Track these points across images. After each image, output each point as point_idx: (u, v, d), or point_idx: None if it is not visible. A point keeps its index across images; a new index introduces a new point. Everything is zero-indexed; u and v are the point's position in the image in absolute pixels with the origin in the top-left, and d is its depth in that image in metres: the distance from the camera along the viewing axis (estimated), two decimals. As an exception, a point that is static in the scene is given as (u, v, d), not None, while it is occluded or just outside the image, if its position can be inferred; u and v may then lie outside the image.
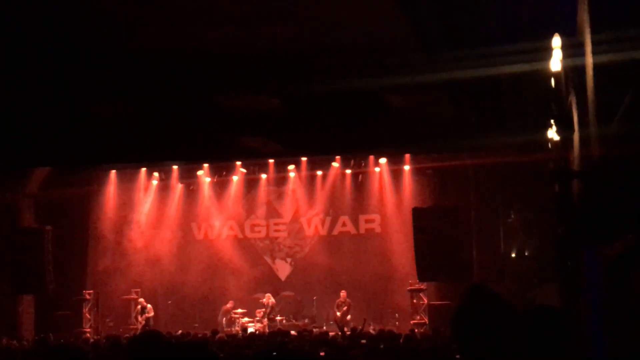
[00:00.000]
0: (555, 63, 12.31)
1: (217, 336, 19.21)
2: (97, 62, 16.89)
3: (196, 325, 26.24)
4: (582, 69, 10.93)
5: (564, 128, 13.13)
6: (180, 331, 22.23)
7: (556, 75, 12.59)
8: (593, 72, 10.20)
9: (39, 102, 18.61)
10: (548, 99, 13.61)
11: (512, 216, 23.63)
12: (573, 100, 12.69)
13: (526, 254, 23.41)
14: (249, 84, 17.71)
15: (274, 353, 7.04)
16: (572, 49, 11.71)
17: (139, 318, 26.03)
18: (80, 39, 15.70)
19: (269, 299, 26.30)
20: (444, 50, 15.20)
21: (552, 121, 14.29)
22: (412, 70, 16.00)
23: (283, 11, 14.56)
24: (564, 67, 12.40)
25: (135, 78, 17.59)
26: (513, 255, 23.63)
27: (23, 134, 20.16)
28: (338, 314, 25.63)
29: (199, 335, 19.83)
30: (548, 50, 12.37)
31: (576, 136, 12.83)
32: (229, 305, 26.58)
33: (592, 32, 10.12)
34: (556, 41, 12.19)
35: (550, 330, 4.01)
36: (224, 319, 26.00)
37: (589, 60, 10.41)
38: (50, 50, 16.00)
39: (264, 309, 26.11)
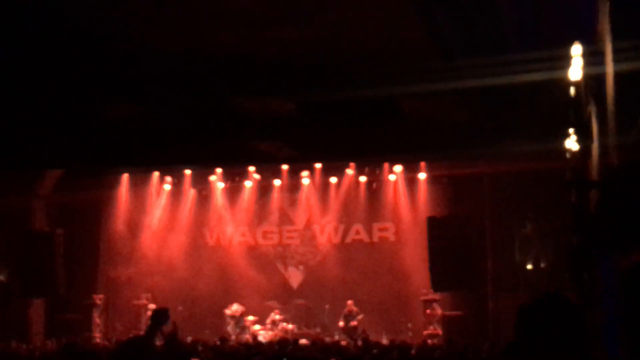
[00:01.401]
0: (575, 71, 12.12)
1: (229, 344, 19.10)
2: (111, 65, 16.82)
3: (207, 331, 26.09)
4: (602, 78, 10.75)
5: (583, 137, 12.94)
6: (190, 338, 22.07)
7: (576, 83, 12.40)
8: (613, 80, 10.02)
9: (52, 104, 18.56)
10: (567, 108, 13.43)
11: (528, 226, 23.40)
12: (592, 109, 12.51)
13: (542, 265, 23.17)
14: (263, 88, 17.60)
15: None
16: (592, 57, 11.52)
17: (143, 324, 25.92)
18: (95, 41, 15.63)
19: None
20: (462, 58, 15.05)
21: (570, 130, 14.10)
22: (429, 77, 15.84)
23: (299, 14, 14.44)
24: (584, 76, 12.21)
25: (149, 81, 17.52)
26: (529, 266, 23.39)
27: (36, 136, 20.13)
28: (341, 323, 25.44)
29: (209, 343, 19.64)
30: (567, 59, 12.18)
31: (595, 146, 12.64)
32: (238, 310, 26.32)
33: (613, 40, 9.94)
34: (576, 49, 12.00)
35: (564, 316, 3.89)
36: (233, 324, 25.83)
37: (609, 68, 10.23)
38: (64, 52, 15.92)
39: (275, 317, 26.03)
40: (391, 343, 19.24)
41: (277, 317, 26.24)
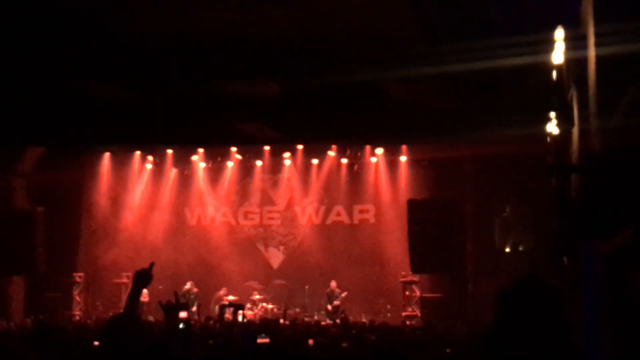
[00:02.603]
0: (558, 55, 12.18)
1: (210, 322, 19.13)
2: (93, 44, 16.74)
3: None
4: (584, 62, 10.80)
5: (564, 121, 13.01)
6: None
7: (558, 67, 12.47)
8: (595, 64, 10.08)
9: (34, 82, 18.46)
10: (549, 92, 13.49)
11: (508, 210, 23.52)
12: (574, 93, 12.57)
13: (521, 249, 23.29)
14: (247, 69, 17.57)
15: (264, 335, 6.93)
16: (575, 42, 11.58)
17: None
18: (79, 21, 15.55)
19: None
20: (447, 42, 15.08)
21: (552, 114, 14.17)
22: (413, 62, 15.87)
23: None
24: (566, 60, 12.27)
25: (133, 60, 17.44)
26: (507, 250, 23.51)
27: (17, 114, 20.01)
28: (329, 307, 25.53)
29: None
30: (551, 43, 12.24)
31: (576, 130, 12.71)
32: (222, 292, 26.48)
33: (596, 24, 9.99)
34: (559, 33, 12.06)
35: (543, 300, 3.91)
36: (217, 306, 25.87)
37: (592, 52, 10.28)
38: (48, 30, 15.84)
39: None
40: (370, 324, 19.33)
41: (257, 297, 26.31)
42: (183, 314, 6.23)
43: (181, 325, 6.20)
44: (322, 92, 18.26)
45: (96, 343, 10.99)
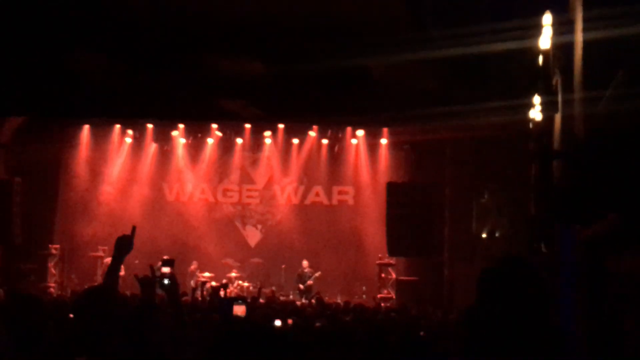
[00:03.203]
0: (545, 41, 12.20)
1: (184, 299, 19.06)
2: (76, 14, 16.61)
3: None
4: (570, 48, 10.84)
5: (549, 107, 13.04)
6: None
7: (545, 53, 12.49)
8: (582, 50, 10.12)
9: (14, 51, 18.30)
10: (534, 77, 13.52)
11: (486, 196, 23.57)
12: (558, 79, 12.61)
13: (497, 234, 23.37)
14: (232, 46, 17.50)
15: (240, 301, 6.88)
16: (562, 27, 11.61)
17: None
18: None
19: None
20: (434, 26, 15.08)
21: (535, 100, 14.20)
22: (399, 45, 15.86)
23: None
24: (552, 46, 12.30)
25: (116, 33, 17.34)
26: (484, 235, 23.58)
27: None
28: (301, 286, 25.60)
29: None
30: (538, 28, 12.26)
31: (559, 116, 12.75)
32: (193, 266, 26.38)
33: (585, 9, 10.02)
34: (547, 19, 12.08)
35: (527, 282, 3.93)
36: (192, 281, 25.82)
37: (579, 38, 10.32)
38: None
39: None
40: (345, 304, 19.35)
41: (234, 274, 26.29)
42: (166, 269, 6.20)
43: (166, 281, 6.17)
44: (305, 72, 18.23)
45: (71, 315, 10.97)
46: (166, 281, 6.12)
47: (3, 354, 5.26)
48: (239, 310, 6.52)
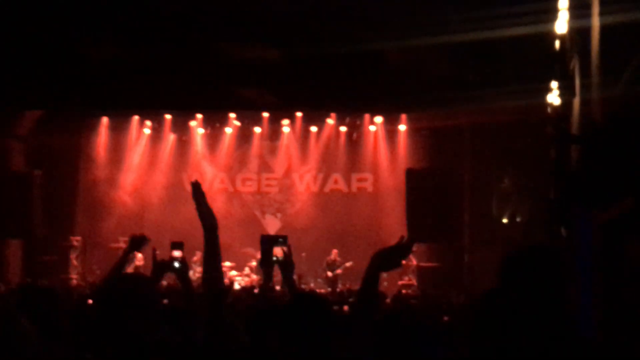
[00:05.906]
0: (561, 25, 12.14)
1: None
2: (95, 5, 16.66)
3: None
4: (587, 31, 10.76)
5: (566, 92, 12.98)
6: (166, 283, 22.07)
7: (561, 37, 12.43)
8: (599, 34, 10.04)
9: (33, 44, 18.38)
10: (551, 62, 13.45)
11: (506, 181, 23.51)
12: (576, 63, 12.54)
13: (517, 219, 23.31)
14: (248, 34, 17.51)
15: (281, 240, 6.65)
16: (578, 10, 11.53)
17: (127, 267, 25.82)
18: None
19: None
20: (449, 10, 15.03)
21: (553, 84, 14.14)
22: (415, 29, 15.82)
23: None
24: (569, 29, 12.23)
25: (133, 23, 17.37)
26: (504, 220, 23.53)
27: (16, 76, 19.94)
28: (329, 273, 25.59)
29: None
30: (554, 12, 12.20)
31: (577, 101, 12.69)
32: (196, 257, 26.30)
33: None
34: (563, 2, 12.02)
35: (550, 268, 3.93)
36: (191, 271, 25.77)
37: (596, 21, 10.24)
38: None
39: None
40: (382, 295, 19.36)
41: (254, 263, 26.29)
42: (177, 253, 6.17)
43: (176, 264, 6.16)
44: (322, 59, 18.23)
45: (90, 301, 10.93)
46: (177, 264, 6.11)
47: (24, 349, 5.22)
48: (278, 252, 6.39)
